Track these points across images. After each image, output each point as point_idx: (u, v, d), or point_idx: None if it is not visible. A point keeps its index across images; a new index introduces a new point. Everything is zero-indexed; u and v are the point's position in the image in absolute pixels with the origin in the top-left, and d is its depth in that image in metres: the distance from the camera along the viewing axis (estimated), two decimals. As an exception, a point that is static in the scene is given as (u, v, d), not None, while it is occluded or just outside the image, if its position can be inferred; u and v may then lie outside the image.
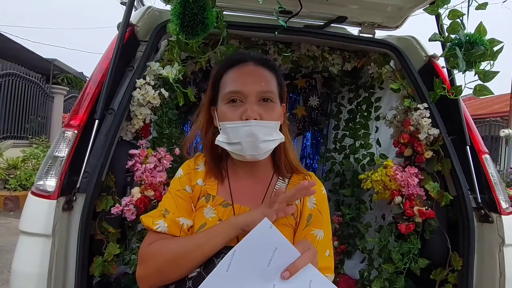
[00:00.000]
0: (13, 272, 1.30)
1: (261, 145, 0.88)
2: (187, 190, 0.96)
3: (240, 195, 0.96)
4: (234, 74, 0.94)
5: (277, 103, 0.94)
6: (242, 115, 0.88)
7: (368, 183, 1.87)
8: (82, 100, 1.49)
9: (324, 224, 0.95)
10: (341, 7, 1.81)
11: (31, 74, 8.34)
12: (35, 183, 1.35)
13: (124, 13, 1.51)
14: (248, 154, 0.89)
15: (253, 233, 0.71)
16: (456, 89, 1.21)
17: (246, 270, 0.70)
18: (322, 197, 0.99)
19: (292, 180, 1.00)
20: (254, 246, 0.70)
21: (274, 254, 0.70)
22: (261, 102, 0.91)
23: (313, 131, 2.88)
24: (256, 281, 0.70)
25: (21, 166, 6.47)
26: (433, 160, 1.71)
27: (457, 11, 1.20)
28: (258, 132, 0.87)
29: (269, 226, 0.70)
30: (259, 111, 0.89)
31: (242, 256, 0.70)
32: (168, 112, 1.98)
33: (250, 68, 0.94)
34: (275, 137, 0.91)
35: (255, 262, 0.70)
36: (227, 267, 0.69)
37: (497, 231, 1.53)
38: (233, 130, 0.88)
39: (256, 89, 0.90)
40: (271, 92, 0.93)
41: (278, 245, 0.70)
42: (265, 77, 0.94)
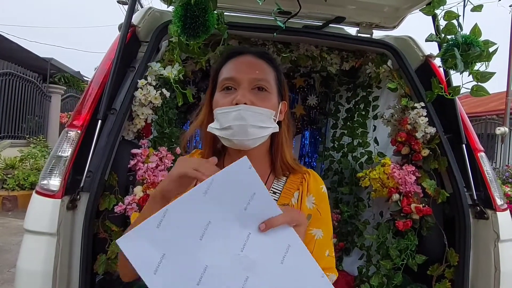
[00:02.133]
0: (18, 270, 1.31)
1: (250, 130, 0.85)
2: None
3: None
4: (231, 64, 0.94)
5: (272, 94, 0.92)
6: (233, 101, 0.86)
7: (366, 181, 1.90)
8: (84, 100, 1.51)
9: (323, 223, 0.92)
10: (339, 7, 1.83)
11: (28, 73, 8.31)
12: (39, 182, 1.37)
13: (126, 14, 1.53)
14: (236, 139, 0.86)
15: (231, 167, 0.65)
16: (454, 89, 1.24)
17: (223, 203, 0.65)
18: (322, 196, 0.96)
19: (289, 179, 0.97)
20: (232, 182, 0.65)
21: (251, 199, 0.65)
22: (255, 90, 0.89)
23: (311, 129, 2.91)
24: (232, 221, 0.65)
25: (19, 166, 6.46)
26: (430, 158, 1.74)
27: (453, 12, 1.22)
28: (247, 117, 0.84)
29: (248, 166, 0.65)
30: (251, 98, 0.87)
31: (219, 187, 0.64)
32: (169, 111, 2.00)
33: (247, 58, 0.94)
34: (268, 125, 0.88)
35: (232, 198, 0.65)
36: (204, 192, 0.64)
37: (492, 227, 1.56)
38: (223, 115, 0.86)
39: (249, 76, 0.89)
40: (266, 81, 0.91)
41: (257, 191, 0.65)
42: (261, 66, 0.93)
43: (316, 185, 0.97)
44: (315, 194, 0.95)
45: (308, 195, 0.94)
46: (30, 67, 8.64)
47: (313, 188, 0.96)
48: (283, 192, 0.95)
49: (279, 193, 0.95)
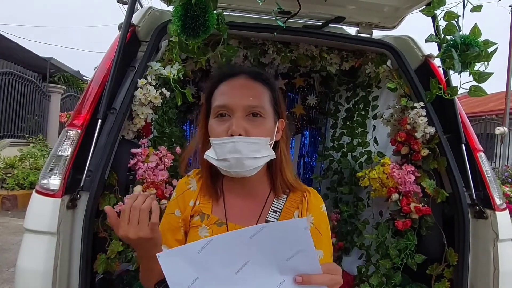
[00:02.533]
0: (19, 269, 1.32)
1: (246, 162, 0.84)
2: (176, 214, 0.96)
3: (235, 213, 0.93)
4: (224, 87, 0.91)
5: (267, 119, 0.89)
6: (228, 130, 0.84)
7: (365, 180, 1.91)
8: (84, 100, 1.51)
9: (323, 244, 0.91)
10: (339, 7, 1.83)
11: (28, 73, 8.31)
12: (39, 181, 1.37)
13: (126, 13, 1.53)
14: (233, 171, 0.85)
15: (288, 223, 0.68)
16: (452, 89, 1.24)
17: (267, 249, 0.66)
18: (321, 215, 0.94)
19: (290, 197, 0.96)
20: (283, 234, 0.66)
21: (296, 254, 0.67)
22: (249, 117, 0.87)
23: (311, 129, 2.91)
24: (271, 265, 0.67)
25: (18, 165, 6.46)
26: (429, 158, 1.74)
27: (453, 12, 1.22)
28: (242, 149, 0.83)
29: (304, 227, 0.66)
30: (246, 126, 0.85)
31: (268, 236, 0.66)
32: (169, 111, 2.01)
33: (240, 82, 0.91)
34: (263, 154, 0.86)
35: (278, 248, 0.66)
36: (251, 236, 0.65)
37: (491, 227, 1.57)
38: (219, 146, 0.85)
39: (243, 103, 0.86)
40: (261, 107, 0.88)
41: (304, 250, 0.67)
42: (255, 91, 0.90)
43: (316, 204, 0.96)
44: (314, 214, 0.94)
45: (308, 214, 0.93)
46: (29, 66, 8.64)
47: (312, 207, 0.95)
48: (284, 211, 0.94)
49: (280, 212, 0.94)
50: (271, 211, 0.93)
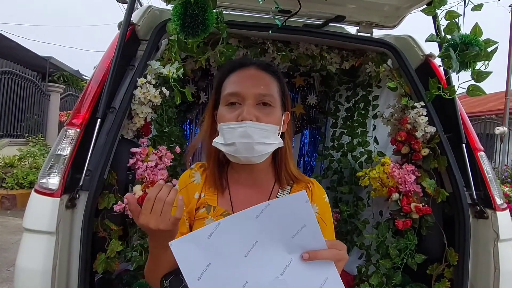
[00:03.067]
0: (18, 269, 1.31)
1: (256, 147, 0.86)
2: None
3: (240, 204, 0.95)
4: (235, 77, 0.94)
5: (276, 108, 0.92)
6: (238, 117, 0.87)
7: (365, 180, 1.90)
8: (84, 99, 1.50)
9: (328, 232, 0.94)
10: (339, 6, 1.83)
11: (27, 72, 8.30)
12: (38, 181, 1.37)
13: (125, 12, 1.53)
14: (242, 156, 0.87)
15: (289, 197, 0.69)
16: (450, 89, 1.24)
17: (273, 228, 0.68)
18: (325, 205, 0.97)
19: (294, 188, 0.98)
20: (286, 210, 0.67)
21: (301, 230, 0.68)
22: (260, 105, 0.90)
23: (311, 129, 2.91)
24: (278, 245, 0.68)
25: (17, 165, 6.46)
26: (430, 158, 1.74)
27: (454, 12, 1.22)
28: (253, 133, 0.85)
29: (305, 200, 0.67)
30: (256, 113, 0.88)
31: (273, 213, 0.67)
32: (168, 110, 2.00)
33: (251, 72, 0.94)
34: (272, 141, 0.89)
35: (283, 225, 0.68)
36: (258, 215, 0.67)
37: (492, 227, 1.56)
38: (228, 131, 0.87)
39: (254, 92, 0.89)
40: (271, 96, 0.91)
41: (308, 224, 0.68)
42: (265, 80, 0.93)
43: (320, 194, 0.98)
44: (318, 204, 0.96)
45: (312, 204, 0.95)
46: (29, 65, 8.63)
47: (317, 197, 0.97)
48: None
49: None
50: None
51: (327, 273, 0.69)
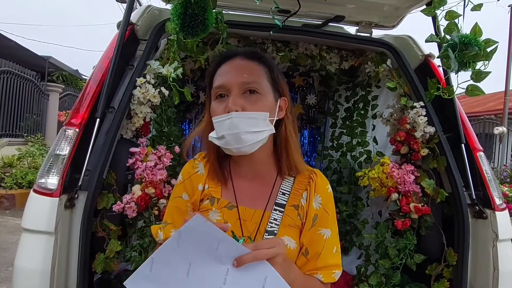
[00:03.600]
0: (16, 269, 1.31)
1: (243, 137, 0.85)
2: (184, 198, 0.97)
3: (244, 196, 0.95)
4: (221, 70, 0.93)
5: (264, 95, 0.90)
6: (226, 109, 0.87)
7: (365, 180, 1.90)
8: (83, 98, 1.50)
9: (331, 222, 0.94)
10: (339, 6, 1.83)
11: (26, 71, 8.29)
12: (37, 181, 1.36)
13: (124, 12, 1.52)
14: (233, 147, 0.87)
15: (187, 225, 0.70)
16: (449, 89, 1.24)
17: (196, 249, 0.71)
18: (328, 196, 0.97)
19: (297, 179, 0.97)
20: (195, 233, 0.70)
21: (219, 244, 0.70)
22: (246, 94, 0.89)
23: (310, 129, 2.91)
24: (209, 259, 0.71)
25: (16, 164, 6.44)
26: (429, 158, 1.74)
27: (454, 12, 1.22)
28: (239, 123, 0.84)
29: (203, 221, 0.69)
30: (243, 103, 0.87)
31: (188, 238, 0.70)
32: (167, 110, 1.99)
33: (236, 62, 0.93)
34: (262, 128, 0.87)
35: (202, 244, 0.71)
36: (177, 243, 0.70)
37: (491, 227, 1.56)
38: (218, 124, 0.87)
39: (238, 81, 0.88)
40: (256, 83, 0.89)
41: (219, 237, 0.70)
42: (249, 68, 0.91)
43: (323, 185, 0.97)
44: (322, 195, 0.95)
45: (315, 195, 0.95)
46: (28, 65, 8.62)
47: (320, 188, 0.96)
48: (292, 193, 0.95)
49: (288, 194, 0.95)
50: (280, 193, 0.94)
51: (264, 272, 0.72)
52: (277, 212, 0.91)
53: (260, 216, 0.91)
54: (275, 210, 0.92)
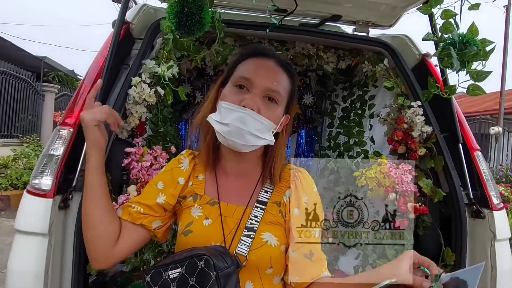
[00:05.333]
0: (9, 272, 1.29)
1: (247, 136, 0.86)
2: (158, 187, 0.96)
3: (227, 193, 0.95)
4: (252, 63, 0.93)
5: (280, 107, 0.92)
6: (241, 101, 0.87)
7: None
8: (77, 98, 1.48)
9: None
10: (336, 5, 1.82)
11: (21, 72, 8.23)
12: (30, 181, 1.34)
13: (119, 10, 1.50)
14: (231, 140, 0.86)
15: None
16: (450, 88, 1.23)
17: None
18: (315, 195, 0.97)
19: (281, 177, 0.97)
20: None
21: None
22: (265, 98, 0.90)
23: (307, 129, 2.90)
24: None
25: (12, 165, 6.39)
26: (426, 157, 1.73)
27: (450, 11, 1.21)
28: (249, 122, 0.85)
29: None
30: (260, 106, 0.87)
31: None
32: (163, 110, 1.98)
33: (269, 64, 0.93)
34: (265, 136, 0.89)
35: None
36: None
37: (488, 227, 1.56)
38: (227, 110, 0.87)
39: (265, 84, 0.89)
40: (279, 94, 0.91)
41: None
42: (279, 77, 0.93)
43: (308, 184, 0.97)
44: (307, 194, 0.95)
45: (302, 194, 0.94)
46: (23, 65, 8.57)
47: (305, 188, 0.96)
48: (275, 190, 0.95)
49: (271, 192, 0.95)
50: (263, 191, 0.95)
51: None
52: (258, 209, 0.91)
53: (241, 213, 0.91)
54: (256, 207, 0.92)
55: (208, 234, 0.89)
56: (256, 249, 0.86)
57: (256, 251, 0.86)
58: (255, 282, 0.87)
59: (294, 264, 0.90)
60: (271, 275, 0.90)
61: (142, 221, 0.93)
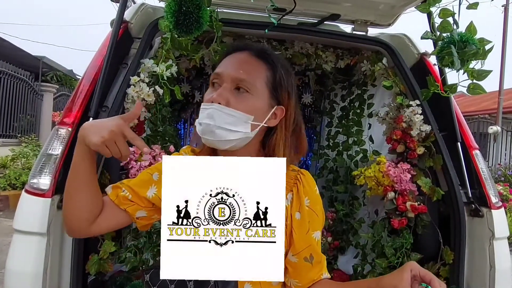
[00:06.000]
0: (8, 272, 1.29)
1: (216, 131, 0.83)
2: (154, 178, 0.94)
3: None
4: (226, 59, 0.92)
5: (255, 96, 0.86)
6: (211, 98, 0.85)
7: (361, 179, 1.89)
8: (75, 97, 1.48)
9: (319, 225, 0.93)
10: (335, 5, 1.82)
11: (20, 72, 8.20)
12: (28, 181, 1.34)
13: (118, 10, 1.50)
14: (205, 137, 0.85)
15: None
16: (451, 87, 1.24)
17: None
18: (316, 197, 0.94)
19: None
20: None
21: None
22: (236, 90, 0.86)
23: (306, 128, 2.90)
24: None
25: (10, 165, 6.38)
26: (425, 156, 1.74)
27: (448, 10, 1.21)
28: (217, 117, 0.82)
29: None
30: (229, 98, 0.84)
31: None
32: (162, 109, 1.98)
33: (241, 56, 0.90)
34: (238, 129, 0.84)
35: None
36: None
37: (487, 225, 1.56)
38: (201, 111, 0.86)
39: (231, 75, 0.86)
40: (248, 82, 0.86)
41: None
42: (249, 66, 0.88)
43: (310, 187, 0.94)
44: (309, 197, 0.93)
45: (304, 197, 0.92)
46: (21, 65, 8.54)
47: (307, 190, 0.93)
48: None
49: None
50: None
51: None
52: None
53: None
54: None
55: None
56: None
57: None
58: (254, 284, 0.86)
59: (294, 268, 0.89)
60: None
61: (126, 207, 0.91)
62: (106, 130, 0.79)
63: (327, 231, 2.33)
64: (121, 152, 0.82)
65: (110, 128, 0.80)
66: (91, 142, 0.79)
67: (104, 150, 0.80)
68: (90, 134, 0.80)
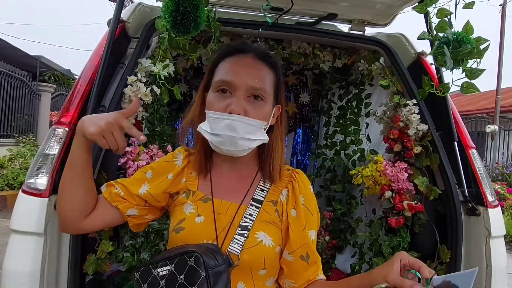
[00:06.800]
0: (5, 272, 1.28)
1: (240, 142, 0.84)
2: (147, 175, 0.95)
3: (221, 189, 0.93)
4: (230, 63, 0.90)
5: (267, 103, 0.89)
6: (227, 107, 0.84)
7: (358, 178, 1.90)
8: (72, 97, 1.47)
9: (315, 224, 0.93)
10: (332, 4, 1.82)
11: (17, 71, 8.18)
12: (25, 181, 1.34)
13: (115, 9, 1.50)
14: (225, 149, 0.85)
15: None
16: (444, 86, 1.24)
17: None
18: (311, 196, 0.95)
19: (273, 186, 0.95)
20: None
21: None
22: (250, 98, 0.87)
23: (304, 127, 2.90)
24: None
25: (8, 165, 6.37)
26: (422, 155, 1.74)
27: (445, 9, 1.22)
28: (239, 128, 0.82)
29: None
30: (246, 107, 0.85)
31: None
32: (160, 109, 1.98)
33: (247, 61, 0.90)
34: (257, 137, 0.86)
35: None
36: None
37: (483, 224, 1.57)
38: (215, 120, 0.84)
39: (247, 83, 0.86)
40: (263, 90, 0.88)
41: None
42: (261, 72, 0.89)
43: (305, 185, 0.96)
44: (304, 195, 0.94)
45: (299, 195, 0.93)
46: (19, 65, 8.52)
47: (302, 189, 0.95)
48: (271, 189, 0.94)
49: (267, 191, 0.93)
50: (258, 189, 0.93)
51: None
52: (253, 207, 0.89)
53: (235, 210, 0.89)
54: (252, 205, 0.90)
55: (199, 231, 0.87)
56: (249, 248, 0.84)
57: (249, 250, 0.84)
58: (247, 283, 0.86)
59: (290, 267, 0.89)
60: (264, 276, 0.88)
61: (118, 205, 0.91)
62: (103, 121, 0.81)
63: (324, 230, 2.33)
64: (118, 143, 0.82)
65: (107, 119, 0.81)
66: (88, 131, 0.81)
67: (101, 140, 0.81)
68: (88, 125, 0.82)
